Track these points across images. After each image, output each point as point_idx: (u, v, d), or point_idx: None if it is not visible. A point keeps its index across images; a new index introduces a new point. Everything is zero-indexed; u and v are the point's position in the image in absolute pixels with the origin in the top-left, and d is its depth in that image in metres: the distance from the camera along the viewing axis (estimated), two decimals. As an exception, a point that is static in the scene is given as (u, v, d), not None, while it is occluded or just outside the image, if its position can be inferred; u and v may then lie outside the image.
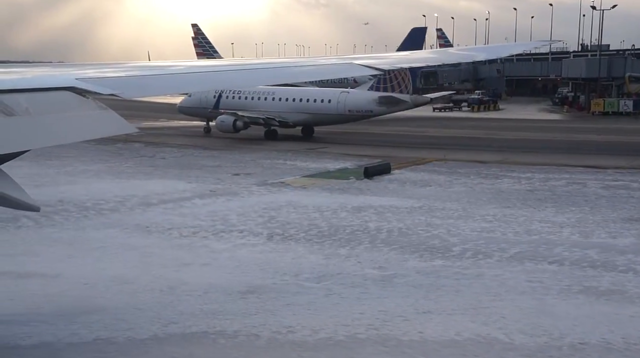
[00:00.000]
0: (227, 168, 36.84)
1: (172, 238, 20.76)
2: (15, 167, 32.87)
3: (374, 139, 54.12)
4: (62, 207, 25.28)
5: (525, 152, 43.90)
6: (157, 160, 40.15)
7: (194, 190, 29.59)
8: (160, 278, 16.20)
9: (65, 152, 42.98)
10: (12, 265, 17.17)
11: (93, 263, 17.68)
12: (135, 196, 27.55)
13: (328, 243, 19.89)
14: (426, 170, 35.31)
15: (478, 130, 61.86)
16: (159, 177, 33.40)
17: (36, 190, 29.09)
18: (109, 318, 13.26)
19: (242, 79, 12.31)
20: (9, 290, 15.05)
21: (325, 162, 39.21)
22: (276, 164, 38.69)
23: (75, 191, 28.48)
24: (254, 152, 43.57)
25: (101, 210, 24.77)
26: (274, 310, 13.75)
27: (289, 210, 25.12)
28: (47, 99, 7.94)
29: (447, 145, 48.53)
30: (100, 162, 38.40)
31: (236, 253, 18.85)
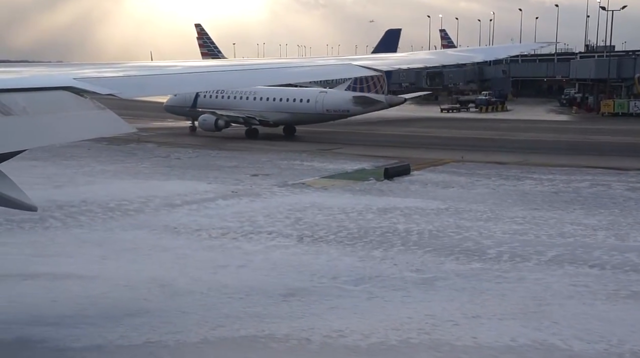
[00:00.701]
0: (244, 168, 36.73)
1: (202, 240, 20.65)
2: (31, 167, 32.95)
3: (386, 140, 54.03)
4: (86, 207, 25.18)
5: (542, 153, 43.74)
6: (173, 161, 40.05)
7: (215, 191, 29.48)
8: (198, 280, 16.09)
9: (81, 152, 42.95)
10: (47, 266, 17.07)
11: (128, 264, 17.58)
12: (157, 197, 27.45)
13: (360, 246, 19.78)
14: (445, 171, 35.18)
15: (490, 131, 61.65)
16: (177, 177, 33.29)
17: (57, 191, 29.11)
18: (155, 321, 13.14)
19: (241, 79, 12.33)
20: (50, 291, 14.93)
21: (341, 162, 39.08)
22: (293, 164, 38.57)
23: (96, 191, 28.38)
24: (270, 153, 43.44)
25: (126, 211, 24.66)
26: (319, 313, 13.63)
27: (314, 211, 25.01)
28: (44, 99, 7.93)
29: (461, 146, 48.37)
30: (117, 163, 38.31)
31: (270, 255, 18.73)
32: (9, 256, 18.00)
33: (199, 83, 11.59)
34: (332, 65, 12.71)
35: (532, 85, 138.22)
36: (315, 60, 13.94)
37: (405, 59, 15.61)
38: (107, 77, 9.22)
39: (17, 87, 7.95)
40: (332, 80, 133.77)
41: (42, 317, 13.34)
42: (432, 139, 53.68)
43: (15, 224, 22.13)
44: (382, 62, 13.63)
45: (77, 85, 8.15)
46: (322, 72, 13.16)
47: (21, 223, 22.26)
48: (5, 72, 9.60)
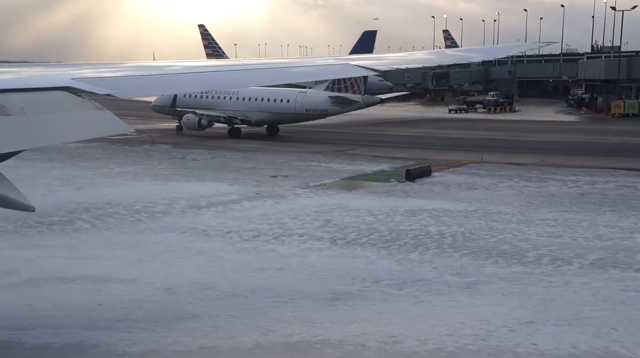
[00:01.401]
0: (262, 170, 36.57)
1: (235, 242, 20.50)
2: (49, 169, 32.81)
3: (399, 141, 53.89)
4: (112, 209, 25.04)
5: (559, 154, 43.55)
6: (189, 162, 39.91)
7: (237, 192, 29.34)
8: (239, 283, 15.94)
9: (96, 154, 42.84)
10: (85, 269, 16.92)
11: (165, 267, 17.43)
12: (181, 198, 27.31)
13: (395, 249, 19.62)
14: (466, 173, 35.00)
15: (502, 132, 61.44)
16: (197, 179, 33.14)
17: (79, 193, 28.96)
18: (206, 325, 12.99)
19: (240, 79, 12.31)
20: (94, 294, 14.80)
21: (359, 164, 38.93)
22: (311, 166, 38.41)
23: (119, 193, 28.23)
24: (286, 154, 43.29)
25: (153, 213, 24.52)
26: (369, 318, 13.47)
27: (341, 213, 24.84)
28: (42, 99, 7.89)
29: (475, 147, 48.15)
30: (134, 164, 38.16)
31: (306, 258, 18.57)
32: (45, 259, 17.86)
33: (198, 83, 11.63)
34: (331, 65, 12.72)
35: (537, 86, 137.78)
36: (314, 60, 13.94)
37: (404, 59, 15.61)
38: (106, 78, 9.21)
39: (15, 88, 7.93)
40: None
41: (91, 320, 13.20)
42: (445, 140, 53.48)
43: (45, 226, 22.02)
44: (381, 62, 13.55)
45: (75, 85, 8.11)
46: (321, 72, 13.22)
47: (51, 226, 22.16)
48: (3, 73, 9.60)
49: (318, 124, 72.38)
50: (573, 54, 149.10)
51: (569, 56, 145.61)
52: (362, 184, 31.89)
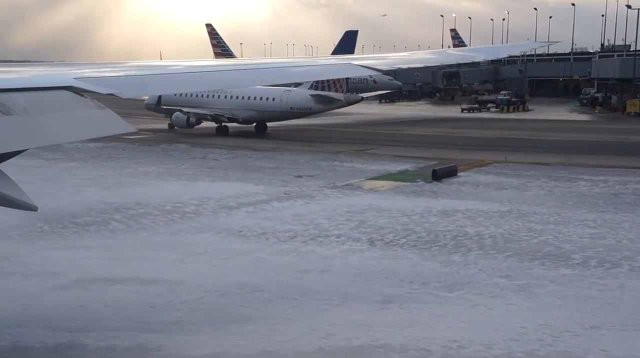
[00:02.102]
0: (285, 170, 36.41)
1: (273, 243, 20.33)
2: (73, 169, 32.75)
3: (417, 141, 53.66)
4: (144, 210, 24.91)
5: (581, 154, 43.26)
6: (211, 162, 39.79)
7: (265, 192, 29.17)
8: (287, 285, 15.76)
9: (117, 153, 42.79)
10: (130, 271, 16.78)
11: (209, 269, 17.28)
12: (210, 199, 27.17)
13: (436, 250, 19.41)
14: (492, 173, 34.76)
15: (519, 131, 61.14)
16: (222, 179, 33.00)
17: (108, 193, 28.84)
18: (262, 328, 12.82)
19: (241, 79, 12.29)
20: (144, 296, 14.67)
21: (382, 164, 38.72)
22: (333, 166, 38.22)
23: (147, 193, 28.11)
24: (306, 154, 43.09)
25: (185, 214, 24.38)
26: (427, 322, 13.27)
27: (373, 214, 24.64)
28: (45, 98, 7.90)
29: (496, 146, 47.88)
30: (156, 164, 38.04)
31: (348, 259, 18.38)
32: (89, 260, 17.74)
33: (199, 83, 11.59)
34: (333, 64, 12.67)
35: (547, 85, 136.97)
36: (317, 59, 13.89)
37: (406, 59, 15.57)
38: (108, 77, 9.21)
39: (17, 87, 7.92)
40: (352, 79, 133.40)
41: (147, 323, 13.07)
42: (464, 140, 53.15)
43: (81, 227, 21.92)
44: (382, 62, 13.51)
45: (77, 84, 8.10)
46: (323, 72, 13.25)
47: (86, 226, 22.05)
48: (6, 72, 9.59)
49: (333, 123, 72.47)
50: (583, 52, 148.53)
51: (579, 55, 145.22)
52: (389, 184, 31.67)
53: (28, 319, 13.00)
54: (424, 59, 17.01)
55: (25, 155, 33.50)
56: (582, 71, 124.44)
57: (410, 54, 18.41)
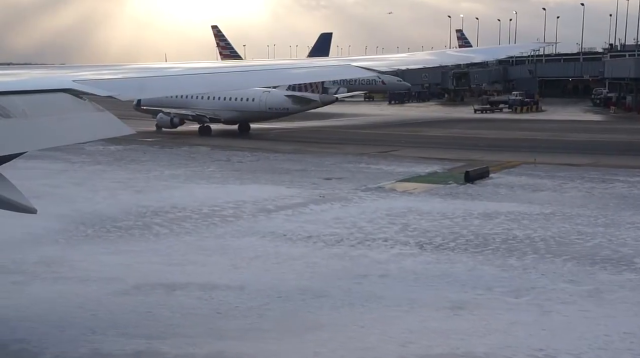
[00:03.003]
0: (313, 172, 36.14)
1: (321, 247, 20.05)
2: (100, 172, 32.55)
3: (437, 142, 53.39)
4: (182, 213, 24.66)
5: (608, 154, 43.07)
6: (236, 164, 39.53)
7: (299, 195, 28.89)
8: (349, 291, 15.46)
9: (139, 156, 42.57)
10: (187, 276, 16.52)
11: (266, 274, 17.01)
12: (246, 202, 26.90)
13: (489, 254, 19.11)
14: (524, 174, 34.47)
15: (538, 132, 60.80)
16: (251, 181, 32.73)
17: (141, 196, 28.58)
18: (339, 336, 12.53)
19: (240, 81, 12.27)
20: (208, 302, 14.41)
21: (409, 165, 38.42)
22: (360, 168, 37.95)
23: (181, 197, 27.85)
24: (330, 156, 42.81)
25: (224, 217, 24.13)
26: (504, 329, 12.96)
27: (414, 216, 24.35)
28: (44, 101, 7.88)
29: (518, 147, 47.64)
30: (181, 167, 37.80)
31: (403, 264, 18.09)
32: (142, 264, 17.50)
33: (198, 84, 11.57)
34: (332, 66, 12.64)
35: (556, 85, 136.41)
36: (316, 61, 14.08)
37: (405, 60, 15.52)
38: (107, 79, 9.21)
39: (16, 90, 7.89)
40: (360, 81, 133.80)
41: (219, 330, 12.81)
42: (484, 141, 52.88)
43: (124, 231, 21.69)
44: (381, 63, 13.51)
45: (76, 87, 8.08)
46: (322, 73, 13.14)
47: (129, 231, 21.82)
48: (4, 75, 9.52)
49: (347, 124, 72.37)
50: (591, 52, 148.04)
51: (588, 55, 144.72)
52: (421, 186, 31.37)
53: (100, 325, 12.76)
54: (423, 60, 17.01)
55: (49, 159, 33.68)
56: (593, 71, 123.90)
57: (409, 55, 18.44)
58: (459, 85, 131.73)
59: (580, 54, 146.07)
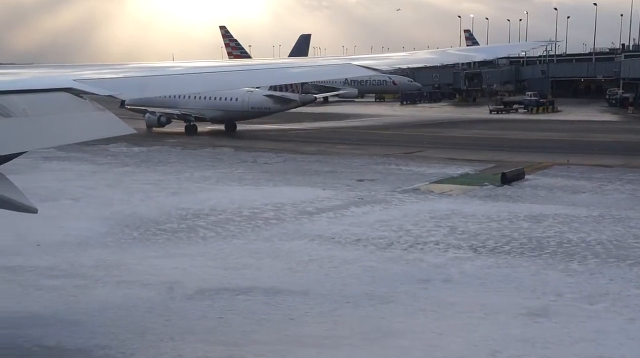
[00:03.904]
0: (343, 173, 35.75)
1: (373, 251, 19.66)
2: (131, 173, 32.30)
3: (460, 143, 52.78)
4: (223, 216, 24.33)
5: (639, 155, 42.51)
6: (263, 166, 39.15)
7: (336, 197, 28.51)
8: (416, 296, 15.07)
9: (166, 158, 42.29)
10: (246, 280, 16.20)
11: (325, 278, 16.61)
12: (284, 204, 26.54)
13: (548, 258, 18.64)
14: (559, 175, 33.99)
15: (560, 132, 60.14)
16: (284, 183, 32.36)
17: (177, 198, 28.24)
18: (419, 343, 12.21)
19: (241, 80, 12.29)
20: (277, 308, 14.09)
21: (438, 167, 37.97)
22: (390, 169, 37.53)
23: (218, 199, 27.52)
24: (356, 157, 42.41)
25: (267, 220, 23.76)
26: (592, 338, 12.51)
27: (459, 219, 23.94)
28: (44, 100, 7.85)
29: (544, 148, 47.19)
30: (210, 168, 37.47)
31: (462, 268, 17.68)
32: (198, 268, 17.17)
33: (199, 84, 11.53)
34: (333, 65, 12.59)
35: (567, 86, 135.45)
36: (317, 60, 13.85)
37: (406, 59, 15.55)
38: (107, 79, 9.20)
39: (17, 89, 7.86)
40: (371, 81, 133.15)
41: (297, 336, 12.50)
42: (506, 141, 52.39)
43: (170, 234, 21.38)
44: (382, 62, 13.46)
45: (76, 86, 8.04)
46: (323, 72, 13.20)
47: (175, 233, 21.50)
48: (5, 74, 9.45)
49: (365, 125, 72.02)
50: (602, 52, 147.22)
51: (600, 55, 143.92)
52: (457, 188, 30.93)
53: (176, 332, 12.45)
54: (424, 59, 16.95)
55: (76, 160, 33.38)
56: (607, 71, 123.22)
57: (409, 54, 18.35)
58: (471, 86, 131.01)
59: (592, 54, 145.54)
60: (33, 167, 37.88)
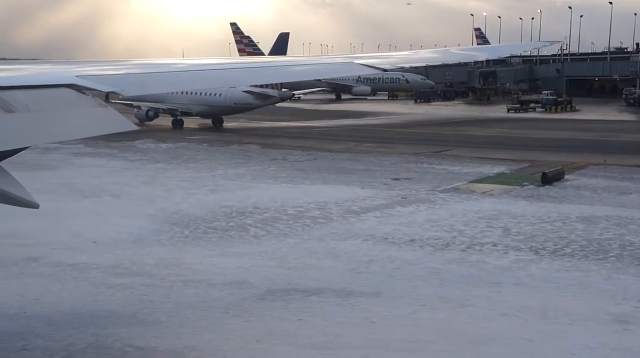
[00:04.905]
0: (377, 172, 35.31)
1: (432, 252, 19.21)
2: (164, 170, 31.94)
3: (486, 142, 52.14)
4: (268, 214, 23.98)
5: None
6: (295, 163, 38.70)
7: (378, 196, 28.08)
8: (491, 300, 14.63)
9: (195, 154, 41.98)
10: (314, 281, 15.85)
11: (390, 279, 16.22)
12: (327, 203, 26.13)
13: (615, 261, 18.13)
14: (599, 176, 33.45)
15: (583, 132, 59.49)
16: (321, 181, 31.95)
17: (218, 196, 27.87)
18: (515, 351, 11.78)
19: (243, 77, 12.25)
20: (353, 310, 13.71)
21: (472, 166, 37.46)
22: (423, 168, 37.06)
23: (258, 196, 27.15)
24: (385, 156, 41.90)
25: (314, 219, 23.37)
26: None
27: (509, 220, 23.45)
28: (47, 96, 7.93)
29: (572, 147, 46.65)
30: (242, 166, 37.08)
31: (530, 271, 17.19)
32: (261, 268, 16.81)
33: (202, 80, 11.65)
34: (336, 63, 12.66)
35: (581, 85, 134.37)
36: (320, 58, 13.95)
37: (409, 58, 15.67)
38: (110, 75, 9.25)
39: (19, 85, 7.93)
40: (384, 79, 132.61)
41: (385, 341, 12.09)
42: (531, 141, 51.93)
43: (222, 232, 21.02)
44: (385, 61, 13.52)
45: (79, 82, 8.12)
46: (326, 70, 13.25)
47: (227, 232, 21.14)
48: (7, 70, 9.58)
49: (383, 123, 71.60)
50: (620, 51, 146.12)
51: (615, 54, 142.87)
52: (498, 188, 30.42)
53: (260, 334, 12.22)
54: (427, 58, 16.93)
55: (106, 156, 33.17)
56: (623, 70, 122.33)
57: (412, 52, 18.47)
58: (486, 84, 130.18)
59: (607, 53, 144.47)
60: (66, 162, 37.67)
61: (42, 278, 15.03)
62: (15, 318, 12.52)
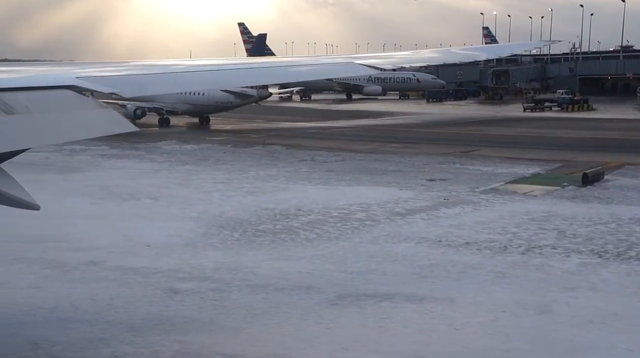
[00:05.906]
0: (410, 173, 34.78)
1: (492, 255, 18.64)
2: (195, 172, 31.37)
3: (513, 141, 51.49)
4: (312, 216, 23.50)
5: None
6: (324, 164, 38.15)
7: (418, 197, 27.53)
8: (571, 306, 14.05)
9: (222, 156, 41.52)
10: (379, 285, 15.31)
11: (458, 284, 15.68)
12: (370, 205, 25.62)
13: (684, 264, 17.73)
14: (638, 176, 32.98)
15: (608, 131, 58.93)
16: (357, 183, 31.41)
17: (257, 198, 27.35)
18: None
19: (243, 78, 12.20)
20: (430, 316, 13.19)
21: (505, 166, 36.85)
22: (457, 168, 36.47)
23: (298, 199, 26.64)
24: (414, 156, 41.32)
25: (362, 221, 22.85)
26: None
27: (561, 221, 22.88)
28: (47, 97, 7.93)
29: (601, 147, 46.06)
30: (272, 167, 36.56)
31: (602, 276, 16.54)
32: (324, 272, 16.27)
33: (202, 81, 11.64)
34: (336, 63, 12.60)
35: (593, 83, 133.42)
36: (320, 58, 13.88)
37: (410, 58, 15.76)
38: (110, 76, 9.25)
39: (20, 86, 7.93)
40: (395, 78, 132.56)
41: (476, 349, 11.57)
42: (557, 140, 51.39)
43: (273, 236, 20.52)
44: (386, 61, 13.56)
45: (79, 84, 8.12)
46: (326, 71, 13.13)
47: (277, 235, 20.64)
48: (8, 71, 9.55)
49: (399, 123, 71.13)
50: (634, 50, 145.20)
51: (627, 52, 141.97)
52: (538, 189, 29.83)
53: (344, 341, 11.79)
54: (428, 58, 16.96)
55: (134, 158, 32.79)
56: (637, 69, 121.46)
57: (413, 52, 18.20)
58: (498, 84, 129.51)
59: (620, 52, 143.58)
60: (95, 164, 37.28)
61: (107, 282, 14.63)
62: (95, 323, 12.16)
